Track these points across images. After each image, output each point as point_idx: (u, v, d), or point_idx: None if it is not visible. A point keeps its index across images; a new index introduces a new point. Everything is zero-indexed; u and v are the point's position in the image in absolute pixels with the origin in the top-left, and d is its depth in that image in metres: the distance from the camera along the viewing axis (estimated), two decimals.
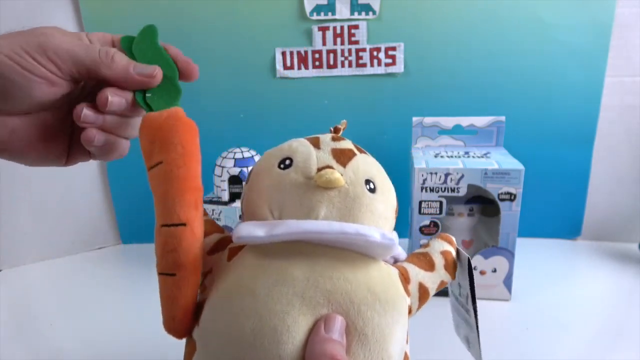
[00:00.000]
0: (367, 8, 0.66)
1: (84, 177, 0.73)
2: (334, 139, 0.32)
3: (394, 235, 0.32)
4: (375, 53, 0.68)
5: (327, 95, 0.70)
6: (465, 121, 0.62)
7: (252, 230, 0.28)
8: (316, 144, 0.31)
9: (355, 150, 0.32)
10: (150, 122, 0.29)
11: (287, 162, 0.30)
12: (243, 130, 0.72)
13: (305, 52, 0.68)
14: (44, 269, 0.70)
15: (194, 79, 0.33)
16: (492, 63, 0.67)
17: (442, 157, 0.58)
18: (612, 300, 0.56)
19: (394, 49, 0.67)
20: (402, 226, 0.67)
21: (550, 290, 0.58)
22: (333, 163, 0.30)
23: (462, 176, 0.53)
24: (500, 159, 0.55)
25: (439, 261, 0.34)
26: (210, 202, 0.58)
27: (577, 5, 0.63)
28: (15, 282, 0.66)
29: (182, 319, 0.28)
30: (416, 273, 0.32)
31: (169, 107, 0.30)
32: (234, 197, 0.58)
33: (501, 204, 0.53)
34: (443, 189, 0.54)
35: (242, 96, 0.71)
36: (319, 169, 0.29)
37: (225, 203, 0.57)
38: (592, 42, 0.65)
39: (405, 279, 0.32)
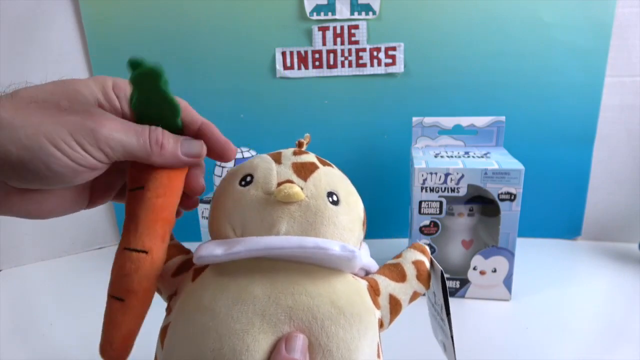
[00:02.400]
0: (367, 8, 0.66)
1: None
2: (295, 153, 0.32)
3: (364, 248, 0.33)
4: (375, 53, 0.68)
5: (327, 95, 0.70)
6: (465, 121, 0.62)
7: (212, 250, 0.27)
8: (277, 159, 0.31)
9: (318, 163, 0.31)
10: None
11: (248, 178, 0.30)
12: (243, 130, 0.72)
13: (305, 52, 0.68)
14: (44, 269, 0.70)
15: (229, 160, 0.32)
16: (492, 63, 0.67)
17: (442, 157, 0.58)
18: (612, 300, 0.56)
19: (394, 49, 0.67)
20: (402, 226, 0.67)
21: (550, 290, 0.58)
22: (294, 177, 0.30)
23: (462, 176, 0.53)
24: (500, 159, 0.55)
25: (410, 272, 0.33)
26: (210, 202, 0.58)
27: (577, 5, 0.63)
28: (15, 282, 0.66)
29: (120, 346, 0.27)
30: (386, 285, 0.31)
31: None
32: None
33: (501, 204, 0.53)
34: (443, 189, 0.54)
35: (242, 96, 0.71)
36: (279, 184, 0.29)
37: None
38: (592, 42, 0.65)
39: (374, 291, 0.31)
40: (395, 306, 0.31)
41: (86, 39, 0.68)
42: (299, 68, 0.69)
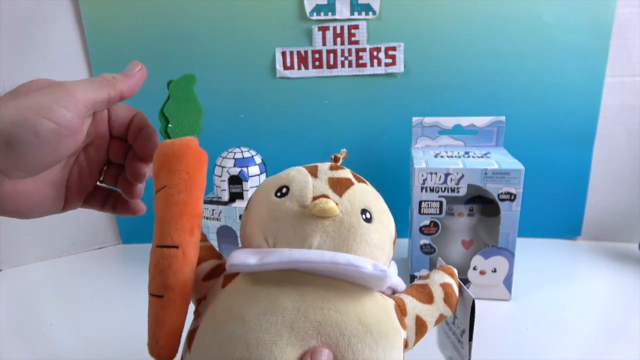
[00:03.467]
0: (367, 8, 0.66)
1: None
2: (332, 168, 0.32)
3: (392, 266, 0.32)
4: (375, 53, 0.68)
5: (327, 95, 0.70)
6: (465, 121, 0.62)
7: (244, 259, 0.28)
8: (314, 172, 0.31)
9: (354, 180, 0.32)
10: (163, 148, 0.30)
11: (284, 190, 0.30)
12: (243, 130, 0.72)
13: (305, 52, 0.68)
14: (44, 269, 0.70)
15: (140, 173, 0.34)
16: (492, 63, 0.67)
17: (442, 157, 0.58)
18: (612, 300, 0.56)
19: (394, 49, 0.67)
20: (402, 226, 0.67)
21: (550, 290, 0.59)
22: (329, 192, 0.30)
23: (462, 176, 0.53)
24: (500, 159, 0.55)
25: (438, 294, 0.33)
26: (210, 202, 0.58)
27: (577, 5, 0.63)
28: (15, 282, 0.66)
29: (166, 343, 0.28)
30: (413, 306, 0.32)
31: (189, 136, 0.31)
32: (233, 197, 0.58)
33: (501, 204, 0.53)
34: (443, 189, 0.54)
35: (242, 96, 0.71)
36: (315, 198, 0.29)
37: (225, 203, 0.57)
38: (592, 42, 0.65)
39: (401, 311, 0.31)
40: (421, 327, 0.31)
41: (86, 39, 0.68)
42: (299, 68, 0.69)
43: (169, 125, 0.31)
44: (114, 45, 0.69)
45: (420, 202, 0.55)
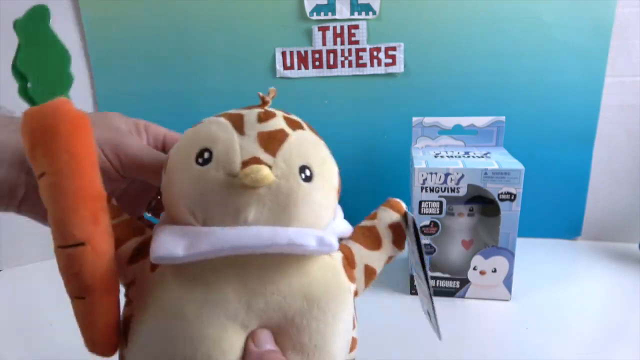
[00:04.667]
0: (367, 8, 0.66)
1: None
2: (261, 119, 0.27)
3: (338, 213, 0.31)
4: (375, 53, 0.68)
5: (327, 95, 0.70)
6: (465, 121, 0.62)
7: (171, 249, 0.24)
8: (239, 126, 0.27)
9: (288, 129, 0.27)
10: (29, 120, 0.23)
11: (206, 155, 0.26)
12: None
13: (305, 52, 0.68)
14: (44, 269, 0.69)
15: None
16: (492, 63, 0.67)
17: (442, 157, 0.58)
18: (612, 300, 0.56)
19: (394, 49, 0.67)
20: None
21: (550, 290, 0.58)
22: (260, 153, 0.26)
23: (462, 176, 0.53)
24: (500, 159, 0.55)
25: (386, 237, 0.31)
26: None
27: (577, 5, 0.63)
28: (16, 282, 0.66)
29: (103, 341, 0.26)
30: (361, 255, 0.30)
31: (54, 99, 0.24)
32: None
33: (501, 204, 0.53)
34: (443, 189, 0.54)
35: (242, 96, 0.70)
36: (244, 163, 0.25)
37: None
38: (592, 42, 0.65)
39: (349, 263, 0.30)
40: (370, 275, 0.31)
41: (86, 39, 0.68)
42: (299, 68, 0.69)
43: (28, 83, 0.27)
44: (114, 45, 0.69)
45: (420, 202, 0.55)
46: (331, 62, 0.69)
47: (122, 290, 0.28)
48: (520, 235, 0.53)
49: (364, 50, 0.68)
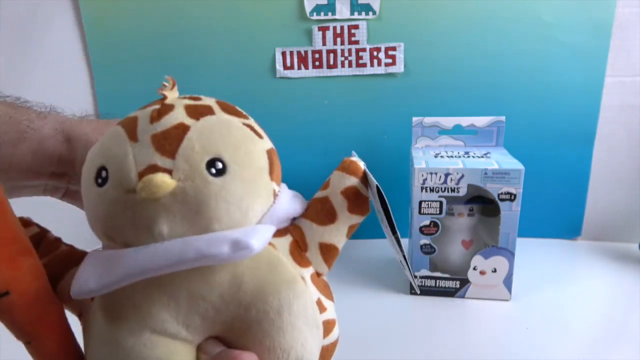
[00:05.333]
0: (367, 8, 0.66)
1: None
2: (153, 118, 0.24)
3: (282, 191, 0.27)
4: (375, 53, 0.68)
5: (327, 95, 0.70)
6: (465, 121, 0.62)
7: (84, 283, 0.23)
8: (132, 132, 0.24)
9: (187, 120, 0.24)
10: None
11: (103, 173, 0.24)
12: None
13: (305, 52, 0.68)
14: None
15: None
16: (492, 63, 0.67)
17: (442, 157, 0.58)
18: (612, 300, 0.56)
19: (394, 49, 0.67)
20: (402, 226, 0.67)
21: (550, 290, 0.59)
22: (157, 157, 0.23)
23: (462, 176, 0.53)
24: (500, 159, 0.55)
25: (340, 206, 0.28)
26: None
27: (577, 5, 0.63)
28: None
29: None
30: (313, 234, 0.28)
31: None
32: None
33: (501, 204, 0.53)
34: (443, 189, 0.54)
35: (242, 96, 0.70)
36: (140, 175, 0.23)
37: None
38: (592, 42, 0.65)
39: (300, 246, 0.27)
40: (329, 252, 0.28)
41: (86, 39, 0.68)
42: (299, 68, 0.69)
43: None
44: (114, 45, 0.69)
45: (420, 202, 0.55)
46: (331, 62, 0.69)
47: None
48: (520, 235, 0.53)
49: (364, 50, 0.68)
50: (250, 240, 0.23)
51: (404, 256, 0.30)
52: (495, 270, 0.55)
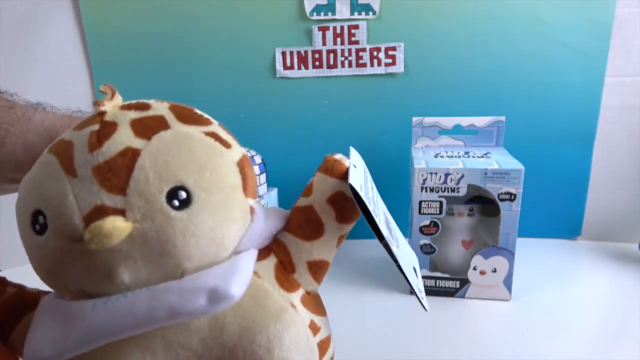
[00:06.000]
0: (367, 8, 0.66)
1: None
2: (93, 145, 0.20)
3: (259, 224, 0.24)
4: (375, 53, 0.68)
5: (327, 95, 0.70)
6: (465, 121, 0.62)
7: (39, 348, 0.20)
8: (69, 164, 0.20)
9: (137, 142, 0.20)
10: None
11: (41, 219, 0.20)
12: (243, 130, 0.71)
13: (305, 52, 0.68)
14: None
15: None
16: (492, 63, 0.67)
17: (442, 157, 0.58)
18: (612, 300, 0.56)
19: (394, 49, 0.67)
20: (402, 226, 0.67)
21: (550, 290, 0.58)
22: (103, 196, 0.19)
23: (462, 176, 0.53)
24: (500, 159, 0.55)
25: (327, 216, 0.25)
26: None
27: (577, 5, 0.63)
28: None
29: None
30: (300, 252, 0.25)
31: None
32: None
33: (501, 204, 0.53)
34: (443, 189, 0.54)
35: (242, 96, 0.71)
36: (86, 219, 0.19)
37: None
38: (592, 42, 0.65)
39: (286, 267, 0.24)
40: (319, 268, 0.25)
41: (86, 39, 0.68)
42: (299, 68, 0.69)
43: None
44: (114, 45, 0.69)
45: (420, 202, 0.55)
46: (331, 62, 0.68)
47: None
48: (520, 235, 0.53)
49: (364, 50, 0.68)
50: (230, 287, 0.20)
51: (400, 267, 0.26)
52: (495, 270, 0.55)
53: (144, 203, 0.19)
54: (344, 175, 0.25)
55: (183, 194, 0.20)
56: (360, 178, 0.25)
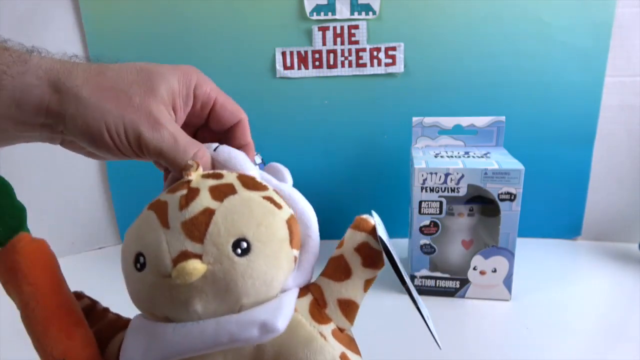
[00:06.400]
0: (367, 8, 0.66)
1: (84, 177, 0.73)
2: (182, 205, 0.27)
3: (303, 271, 0.30)
4: (375, 53, 0.68)
5: (327, 95, 0.70)
6: (465, 121, 0.62)
7: (132, 355, 0.26)
8: (164, 219, 0.27)
9: (212, 204, 0.27)
10: (2, 262, 0.28)
11: (141, 259, 0.27)
12: None
13: (305, 52, 0.68)
14: None
15: None
16: (492, 63, 0.67)
17: (442, 157, 0.58)
18: (612, 300, 0.57)
19: (394, 49, 0.67)
20: (402, 226, 0.67)
21: (550, 290, 0.59)
22: (187, 244, 0.25)
23: (462, 176, 0.53)
24: (500, 159, 0.55)
25: (355, 263, 0.30)
26: None
27: (577, 6, 0.63)
28: None
29: None
30: (331, 291, 0.29)
31: (14, 236, 0.28)
32: None
33: (501, 204, 0.53)
34: (443, 189, 0.54)
35: (242, 96, 0.70)
36: (174, 261, 0.25)
37: None
38: (592, 42, 0.65)
39: (319, 304, 0.29)
40: (348, 307, 0.30)
41: (86, 39, 0.68)
42: (299, 68, 0.69)
43: None
44: (114, 45, 0.69)
45: (420, 202, 0.55)
46: (331, 62, 0.69)
47: None
48: (520, 235, 0.53)
49: (364, 50, 0.68)
50: (276, 322, 0.25)
51: (419, 311, 0.31)
52: (495, 270, 0.55)
53: (216, 250, 0.25)
54: (371, 230, 0.30)
55: (244, 244, 0.26)
56: (384, 234, 0.30)
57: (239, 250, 0.26)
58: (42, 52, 0.31)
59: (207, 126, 0.35)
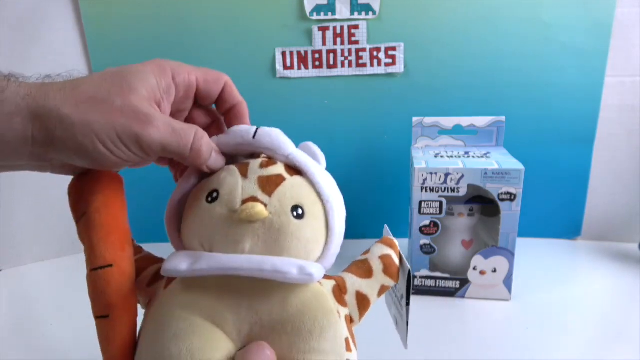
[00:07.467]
0: (367, 8, 0.66)
1: None
2: (262, 165, 0.32)
3: (331, 258, 0.33)
4: (375, 53, 0.68)
5: (327, 95, 0.70)
6: (465, 121, 0.62)
7: (177, 264, 0.28)
8: (244, 172, 0.31)
9: (285, 174, 0.31)
10: (75, 183, 0.31)
11: (215, 194, 0.30)
12: None
13: (305, 52, 0.68)
14: (44, 269, 0.69)
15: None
16: (493, 63, 0.67)
17: (442, 157, 0.58)
18: (612, 300, 0.57)
19: (394, 49, 0.67)
20: (402, 226, 0.67)
21: (550, 290, 0.59)
22: (258, 193, 0.30)
23: (462, 176, 0.53)
24: (500, 159, 0.55)
25: (377, 267, 0.34)
26: None
27: (577, 6, 0.63)
28: (15, 282, 0.66)
29: (122, 358, 0.29)
30: (353, 282, 0.33)
31: None
32: None
33: (501, 204, 0.53)
34: (443, 189, 0.54)
35: (242, 96, 0.71)
36: (244, 201, 0.29)
37: None
38: (592, 42, 0.65)
39: (341, 289, 0.32)
40: (362, 302, 0.32)
41: (86, 39, 0.68)
42: (299, 68, 0.69)
43: None
44: (114, 45, 0.69)
45: (420, 202, 0.55)
46: (331, 62, 0.69)
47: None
48: (520, 235, 0.53)
49: (364, 50, 0.68)
50: (312, 269, 0.28)
51: (407, 323, 0.36)
52: (495, 270, 0.55)
53: (279, 205, 0.29)
54: (395, 248, 0.35)
55: (300, 211, 0.30)
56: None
57: (295, 213, 0.29)
58: (20, 78, 0.30)
59: (195, 106, 0.36)
